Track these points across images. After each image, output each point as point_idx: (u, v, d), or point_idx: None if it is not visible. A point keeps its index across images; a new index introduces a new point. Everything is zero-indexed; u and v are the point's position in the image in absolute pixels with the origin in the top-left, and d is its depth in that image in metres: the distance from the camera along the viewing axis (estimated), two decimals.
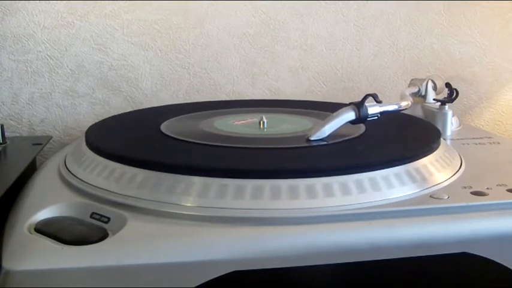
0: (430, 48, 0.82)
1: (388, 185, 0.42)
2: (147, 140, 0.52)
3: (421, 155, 0.46)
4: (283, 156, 0.47)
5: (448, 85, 0.66)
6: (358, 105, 0.51)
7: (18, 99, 0.72)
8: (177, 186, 0.41)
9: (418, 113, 0.69)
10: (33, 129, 0.74)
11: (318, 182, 0.41)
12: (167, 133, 0.53)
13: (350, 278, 0.39)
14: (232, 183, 0.40)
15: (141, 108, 0.73)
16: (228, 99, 0.78)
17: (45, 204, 0.42)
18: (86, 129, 0.55)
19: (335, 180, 0.41)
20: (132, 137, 0.54)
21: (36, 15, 0.71)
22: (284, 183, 0.40)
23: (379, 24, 0.80)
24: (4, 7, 0.70)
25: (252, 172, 0.42)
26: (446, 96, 0.66)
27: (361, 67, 0.81)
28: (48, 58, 0.72)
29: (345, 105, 0.52)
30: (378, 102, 0.52)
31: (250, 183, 0.40)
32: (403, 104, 0.56)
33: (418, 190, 0.43)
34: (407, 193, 0.42)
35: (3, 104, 0.72)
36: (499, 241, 0.40)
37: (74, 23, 0.72)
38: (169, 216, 0.39)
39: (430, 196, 0.42)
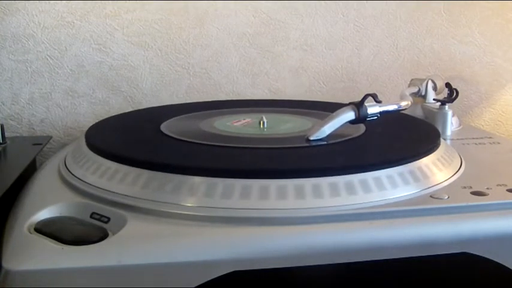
0: (430, 48, 0.82)
1: (388, 185, 0.42)
2: (147, 140, 0.52)
3: (421, 155, 0.46)
4: (283, 156, 0.47)
5: (448, 85, 0.66)
6: (358, 105, 0.51)
7: (18, 99, 0.72)
8: (176, 186, 0.41)
9: (418, 113, 0.69)
10: (33, 129, 0.74)
11: (318, 182, 0.41)
12: (167, 133, 0.53)
13: (350, 278, 0.39)
14: (231, 183, 0.40)
15: (141, 108, 0.73)
16: (228, 99, 0.78)
17: (45, 204, 0.42)
18: (86, 129, 0.55)
19: (335, 180, 0.41)
20: (132, 137, 0.54)
21: (36, 15, 0.71)
22: (284, 183, 0.40)
23: (379, 24, 0.80)
24: (4, 7, 0.70)
25: (251, 172, 0.42)
26: (446, 96, 0.66)
27: (361, 67, 0.81)
28: (48, 58, 0.72)
29: (344, 105, 0.52)
30: (378, 102, 0.52)
31: (250, 183, 0.40)
32: (403, 104, 0.56)
33: (418, 190, 0.43)
34: (407, 193, 0.42)
35: (3, 104, 0.72)
36: (499, 241, 0.40)
37: (74, 23, 0.72)
38: (169, 216, 0.39)
39: (430, 196, 0.42)
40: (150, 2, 0.73)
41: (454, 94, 0.65)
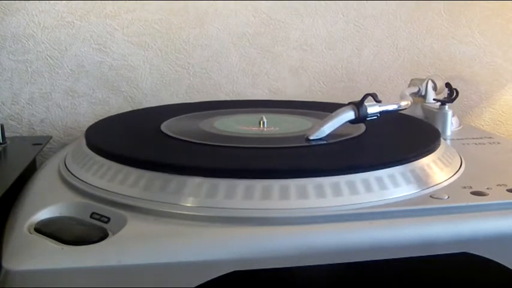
0: (430, 48, 0.82)
1: (388, 185, 0.42)
2: (147, 140, 0.52)
3: (421, 155, 0.46)
4: (282, 156, 0.47)
5: (448, 85, 0.66)
6: (358, 105, 0.51)
7: (18, 99, 0.72)
8: (176, 186, 0.41)
9: (418, 113, 0.69)
10: (33, 129, 0.74)
11: (318, 182, 0.41)
12: (167, 133, 0.53)
13: (350, 278, 0.39)
14: (232, 183, 0.40)
15: (141, 108, 0.73)
16: (228, 99, 0.78)
17: (45, 204, 0.42)
18: (86, 129, 0.55)
19: (335, 180, 0.41)
20: (132, 137, 0.54)
21: (36, 15, 0.71)
22: (284, 183, 0.40)
23: (379, 24, 0.80)
24: (4, 7, 0.70)
25: (251, 172, 0.42)
26: (446, 96, 0.66)
27: (361, 67, 0.81)
28: (48, 58, 0.72)
29: (344, 105, 0.52)
30: (377, 101, 0.52)
31: (250, 183, 0.40)
32: (403, 103, 0.56)
33: (418, 190, 0.43)
34: (408, 193, 0.42)
35: (3, 104, 0.72)
36: (499, 241, 0.40)
37: (74, 23, 0.72)
38: (170, 216, 0.39)
39: (430, 196, 0.42)
40: (150, 2, 0.73)
41: (454, 94, 0.65)
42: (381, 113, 0.52)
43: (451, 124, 0.64)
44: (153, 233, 0.37)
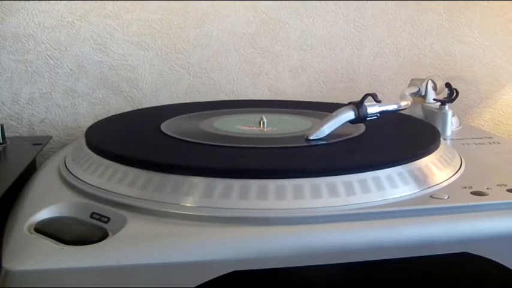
0: (430, 48, 0.82)
1: (388, 185, 0.42)
2: (147, 140, 0.52)
3: (421, 155, 0.46)
4: (282, 156, 0.47)
5: (448, 85, 0.67)
6: (358, 105, 0.51)
7: (18, 99, 0.72)
8: (177, 186, 0.41)
9: (418, 113, 0.69)
10: (33, 129, 0.74)
11: (317, 182, 0.41)
12: (167, 133, 0.53)
13: (350, 278, 0.39)
14: (232, 183, 0.40)
15: (141, 108, 0.73)
16: (228, 99, 0.78)
17: (45, 204, 0.42)
18: (86, 129, 0.55)
19: (334, 180, 0.41)
20: (132, 137, 0.54)
21: (36, 15, 0.71)
22: (283, 183, 0.40)
23: (379, 24, 0.80)
24: (4, 7, 0.70)
25: (251, 172, 0.42)
26: (446, 96, 0.66)
27: (361, 67, 0.81)
28: (48, 58, 0.72)
29: (344, 105, 0.52)
30: (377, 101, 0.52)
31: (250, 183, 0.40)
32: (403, 103, 0.56)
33: (418, 190, 0.43)
34: (407, 193, 0.42)
35: (3, 104, 0.72)
36: (499, 241, 0.40)
37: (74, 23, 0.72)
38: (170, 216, 0.39)
39: (430, 196, 0.42)
40: (150, 2, 0.73)
41: (454, 94, 0.65)
42: (380, 113, 0.52)
43: (451, 124, 0.64)
44: (153, 233, 0.37)
